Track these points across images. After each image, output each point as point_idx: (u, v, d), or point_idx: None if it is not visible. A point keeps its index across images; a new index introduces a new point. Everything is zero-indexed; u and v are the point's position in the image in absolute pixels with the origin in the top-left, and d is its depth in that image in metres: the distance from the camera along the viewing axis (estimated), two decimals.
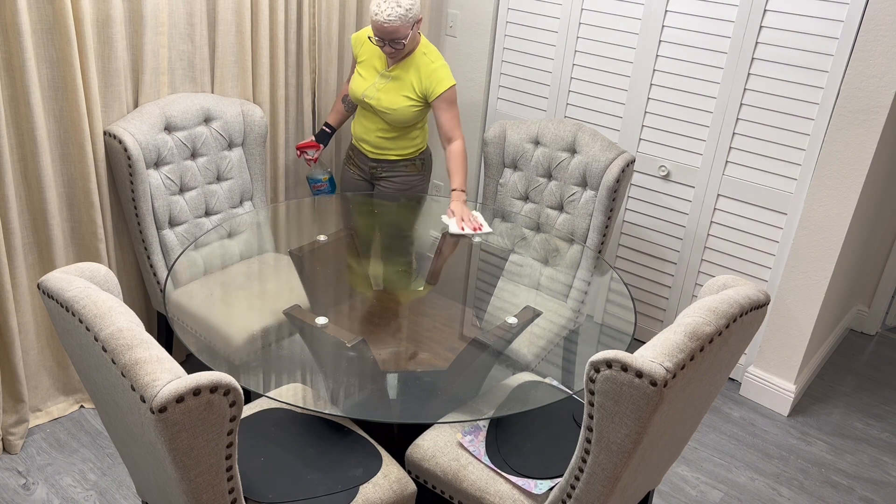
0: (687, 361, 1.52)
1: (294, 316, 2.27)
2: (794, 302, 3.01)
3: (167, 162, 2.68)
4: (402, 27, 2.67)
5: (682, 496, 2.68)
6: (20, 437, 2.59)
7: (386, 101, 2.86)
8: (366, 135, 2.99)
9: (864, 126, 2.69)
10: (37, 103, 2.34)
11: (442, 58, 2.88)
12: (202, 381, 1.36)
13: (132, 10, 2.57)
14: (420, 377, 2.08)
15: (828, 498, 2.73)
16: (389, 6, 2.64)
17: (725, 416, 3.10)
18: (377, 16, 2.65)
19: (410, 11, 2.67)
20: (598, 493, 1.68)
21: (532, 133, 3.03)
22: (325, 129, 3.16)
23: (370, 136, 2.98)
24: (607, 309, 2.49)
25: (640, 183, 3.32)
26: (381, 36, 2.70)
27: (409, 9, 2.67)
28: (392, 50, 2.74)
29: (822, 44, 2.74)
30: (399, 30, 2.67)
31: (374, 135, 2.96)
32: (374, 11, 2.66)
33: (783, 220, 2.99)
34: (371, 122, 2.96)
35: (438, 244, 2.75)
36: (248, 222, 2.82)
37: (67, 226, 2.61)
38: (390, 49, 2.74)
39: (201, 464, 1.44)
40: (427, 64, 2.83)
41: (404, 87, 2.85)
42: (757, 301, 1.74)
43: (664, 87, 3.14)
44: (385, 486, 1.90)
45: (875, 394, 3.36)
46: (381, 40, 2.73)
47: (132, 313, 1.52)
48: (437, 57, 2.86)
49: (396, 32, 2.68)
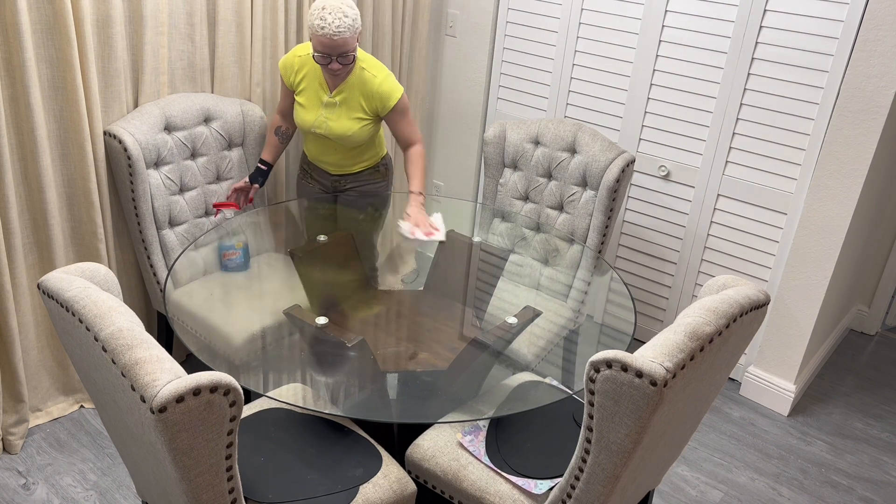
0: (687, 361, 1.52)
1: (294, 316, 2.27)
2: (794, 302, 3.01)
3: (167, 162, 2.68)
4: (351, 39, 2.51)
5: (682, 496, 2.68)
6: (20, 437, 2.59)
7: (338, 129, 2.71)
8: (323, 156, 2.84)
9: (864, 126, 2.69)
10: (37, 103, 2.34)
11: (383, 68, 2.71)
12: (202, 381, 1.36)
13: (132, 10, 2.57)
14: (420, 377, 2.08)
15: (828, 498, 2.73)
16: (336, 17, 2.46)
17: (725, 416, 3.10)
18: (323, 29, 2.46)
19: (356, 21, 2.51)
20: (598, 493, 1.68)
21: (532, 133, 3.03)
22: (260, 167, 2.88)
23: (329, 157, 2.84)
24: (607, 309, 2.49)
25: (640, 183, 3.32)
26: (328, 52, 2.51)
27: (356, 18, 2.51)
28: (339, 66, 2.56)
29: (822, 44, 2.74)
30: (348, 42, 2.50)
31: (331, 156, 2.84)
32: (319, 25, 2.47)
33: (783, 220, 2.99)
34: (325, 146, 2.81)
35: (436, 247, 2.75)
36: (248, 222, 2.82)
37: (67, 226, 2.61)
38: (337, 66, 2.55)
39: (201, 464, 1.44)
40: (370, 80, 2.66)
41: (353, 109, 2.69)
42: (757, 301, 1.74)
43: (664, 87, 3.14)
44: (385, 486, 1.90)
45: (875, 394, 3.36)
46: (327, 57, 2.54)
47: (132, 313, 1.52)
48: (379, 69, 2.69)
49: (346, 45, 2.50)
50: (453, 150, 3.91)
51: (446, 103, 3.85)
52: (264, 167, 2.88)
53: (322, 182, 2.94)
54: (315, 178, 2.95)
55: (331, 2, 2.48)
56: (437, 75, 3.83)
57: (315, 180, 2.95)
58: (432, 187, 4.07)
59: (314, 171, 2.94)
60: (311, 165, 2.94)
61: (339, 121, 2.70)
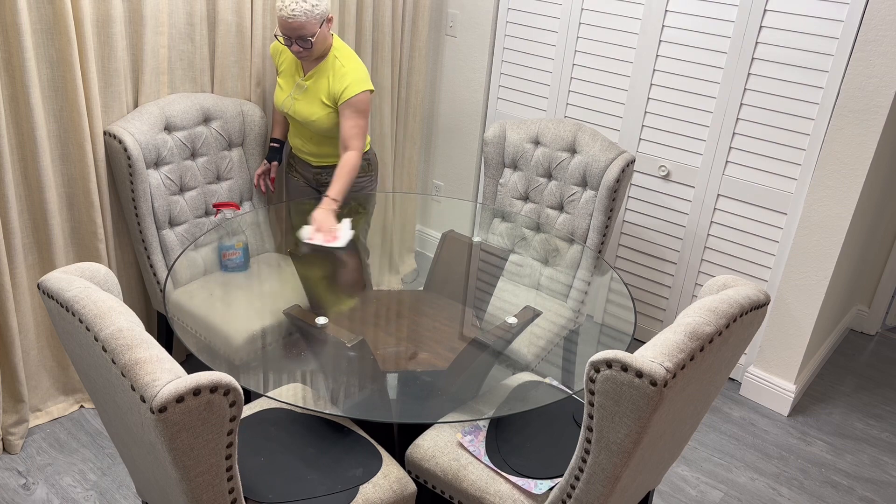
0: (687, 361, 1.52)
1: (294, 316, 2.27)
2: (794, 302, 3.01)
3: (167, 162, 2.68)
4: (309, 23, 2.54)
5: (682, 496, 2.68)
6: (20, 437, 2.59)
7: (303, 112, 2.75)
8: (302, 145, 2.88)
9: (864, 126, 2.69)
10: (37, 103, 2.34)
11: (357, 61, 2.72)
12: (202, 381, 1.36)
13: (132, 10, 2.57)
14: (420, 377, 2.08)
15: (828, 498, 2.73)
16: (294, 1, 2.51)
17: (725, 416, 3.10)
18: (282, 11, 2.53)
19: (317, 7, 2.54)
20: (598, 493, 1.68)
21: (532, 133, 3.03)
22: (273, 146, 2.97)
23: (307, 147, 2.88)
24: (607, 309, 2.49)
25: (640, 183, 3.32)
26: (286, 33, 2.57)
27: (316, 4, 2.53)
28: (300, 49, 2.60)
29: (822, 44, 2.74)
30: (305, 26, 2.54)
31: (309, 145, 2.87)
32: (279, 7, 2.54)
33: (783, 220, 2.99)
34: (301, 132, 2.86)
35: (438, 245, 2.75)
36: (248, 222, 2.82)
37: (67, 226, 2.61)
38: (298, 48, 2.60)
39: (201, 464, 1.44)
40: (338, 68, 2.69)
41: (319, 93, 2.72)
42: (757, 301, 1.74)
43: (664, 87, 3.14)
44: (385, 486, 1.90)
45: (875, 394, 3.36)
46: (288, 39, 2.59)
47: (132, 313, 1.52)
48: (350, 60, 2.71)
49: (302, 29, 2.54)
50: (453, 150, 3.91)
51: (446, 103, 3.85)
52: (276, 145, 2.98)
53: (305, 175, 2.98)
54: (299, 171, 2.99)
55: None
56: (437, 75, 3.83)
57: (299, 173, 3.00)
58: (432, 187, 4.07)
59: (298, 164, 2.99)
60: (295, 158, 3.00)
61: (305, 103, 2.75)
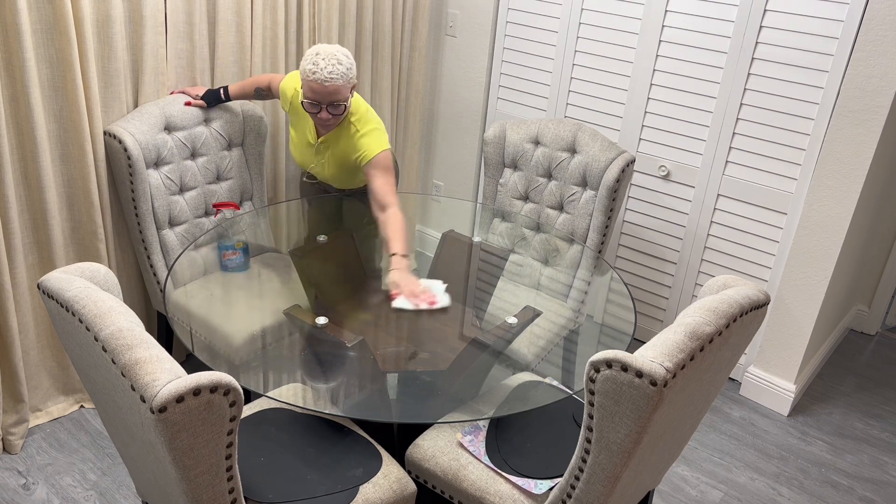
0: (687, 361, 1.52)
1: (294, 316, 2.27)
2: (794, 302, 3.01)
3: (167, 162, 2.68)
4: (344, 87, 2.40)
5: (682, 496, 2.68)
6: (20, 437, 2.59)
7: (329, 176, 2.67)
8: (324, 179, 2.76)
9: (864, 126, 2.69)
10: (37, 103, 2.34)
11: (372, 121, 2.57)
12: (202, 380, 1.36)
13: (132, 10, 2.57)
14: (420, 377, 2.08)
15: (828, 498, 2.73)
16: (330, 63, 2.36)
17: (725, 416, 3.10)
18: (315, 74, 2.36)
19: (351, 70, 2.41)
20: (598, 493, 1.68)
21: (532, 133, 3.03)
22: (221, 97, 2.77)
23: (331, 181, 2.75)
24: (607, 309, 2.49)
25: (640, 183, 3.32)
26: (317, 99, 2.40)
27: (350, 67, 2.41)
28: (328, 116, 2.44)
29: (822, 44, 2.74)
30: (340, 90, 2.40)
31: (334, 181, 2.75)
32: (311, 70, 2.36)
33: (783, 219, 2.99)
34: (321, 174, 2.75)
35: (438, 246, 2.75)
36: (248, 222, 2.82)
37: (67, 226, 2.61)
38: (327, 115, 2.43)
39: (201, 464, 1.44)
40: (353, 134, 2.55)
41: (337, 158, 2.62)
42: (757, 301, 1.74)
43: (664, 87, 3.14)
44: (385, 486, 1.90)
45: (875, 394, 3.36)
46: (317, 105, 2.43)
47: (132, 313, 1.52)
48: (366, 122, 2.56)
49: (338, 93, 2.40)
50: (453, 150, 3.91)
51: (446, 103, 3.85)
52: (224, 99, 2.79)
53: (327, 189, 2.93)
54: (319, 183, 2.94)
55: (326, 48, 2.40)
56: (437, 75, 3.83)
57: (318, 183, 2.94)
58: (432, 187, 4.07)
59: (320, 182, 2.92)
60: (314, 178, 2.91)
61: (331, 167, 2.65)
